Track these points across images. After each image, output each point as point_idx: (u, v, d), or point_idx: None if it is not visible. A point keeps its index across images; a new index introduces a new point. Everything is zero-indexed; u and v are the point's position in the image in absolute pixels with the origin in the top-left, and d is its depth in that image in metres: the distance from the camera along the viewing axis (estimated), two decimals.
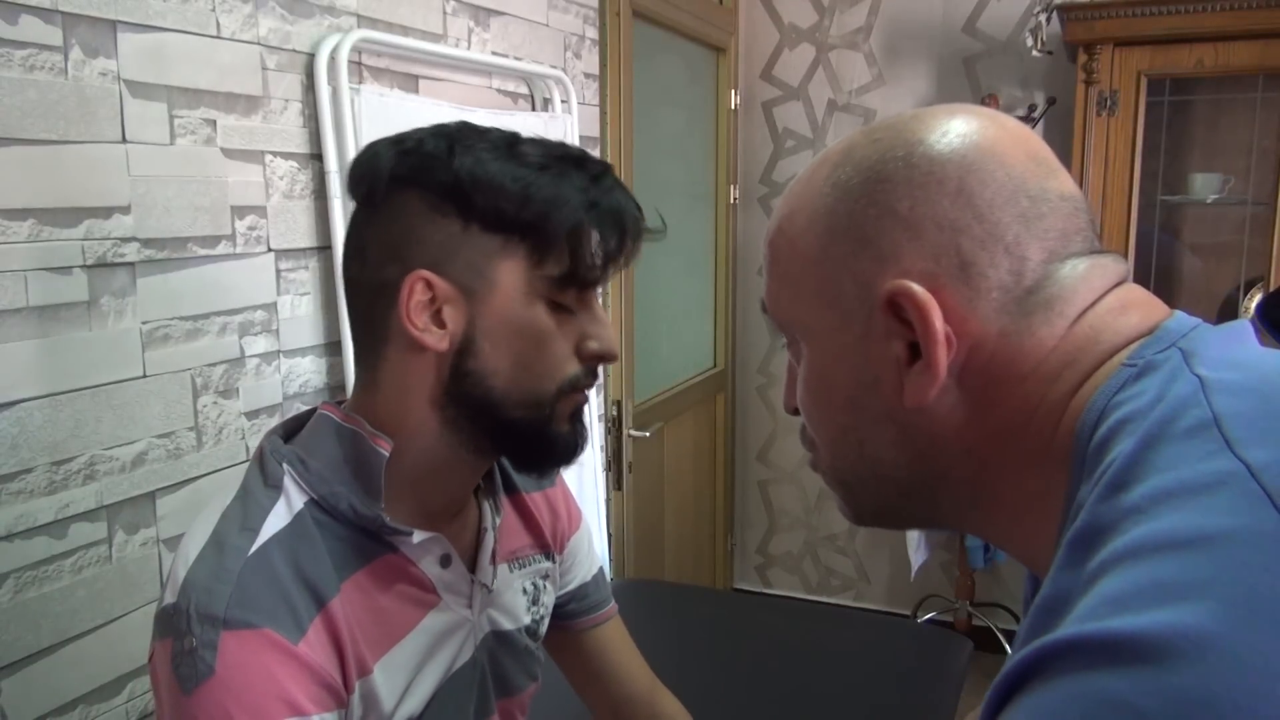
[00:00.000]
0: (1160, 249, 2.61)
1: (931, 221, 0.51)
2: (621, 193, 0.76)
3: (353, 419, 0.76)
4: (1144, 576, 0.38)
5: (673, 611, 1.89)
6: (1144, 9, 2.29)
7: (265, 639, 0.67)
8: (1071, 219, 0.52)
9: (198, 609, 0.67)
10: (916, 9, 2.92)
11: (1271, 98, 2.47)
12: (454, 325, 0.72)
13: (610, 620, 1.02)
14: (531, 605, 0.91)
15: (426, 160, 0.72)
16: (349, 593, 0.73)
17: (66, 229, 1.15)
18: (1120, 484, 0.42)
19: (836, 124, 3.08)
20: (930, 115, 0.55)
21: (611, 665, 1.02)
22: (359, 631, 0.74)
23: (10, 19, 1.08)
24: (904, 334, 0.52)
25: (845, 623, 1.98)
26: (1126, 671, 0.35)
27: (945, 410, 0.52)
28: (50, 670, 1.16)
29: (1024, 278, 0.51)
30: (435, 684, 0.80)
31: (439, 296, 0.72)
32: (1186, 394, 0.44)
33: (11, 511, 1.11)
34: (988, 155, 0.52)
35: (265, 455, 0.76)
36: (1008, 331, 0.51)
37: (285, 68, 1.44)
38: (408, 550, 0.77)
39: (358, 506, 0.74)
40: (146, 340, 1.25)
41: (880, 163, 0.53)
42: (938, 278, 0.51)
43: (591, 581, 1.01)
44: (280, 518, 0.73)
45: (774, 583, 3.40)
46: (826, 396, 0.57)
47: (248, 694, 0.66)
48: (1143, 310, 0.52)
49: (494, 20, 1.92)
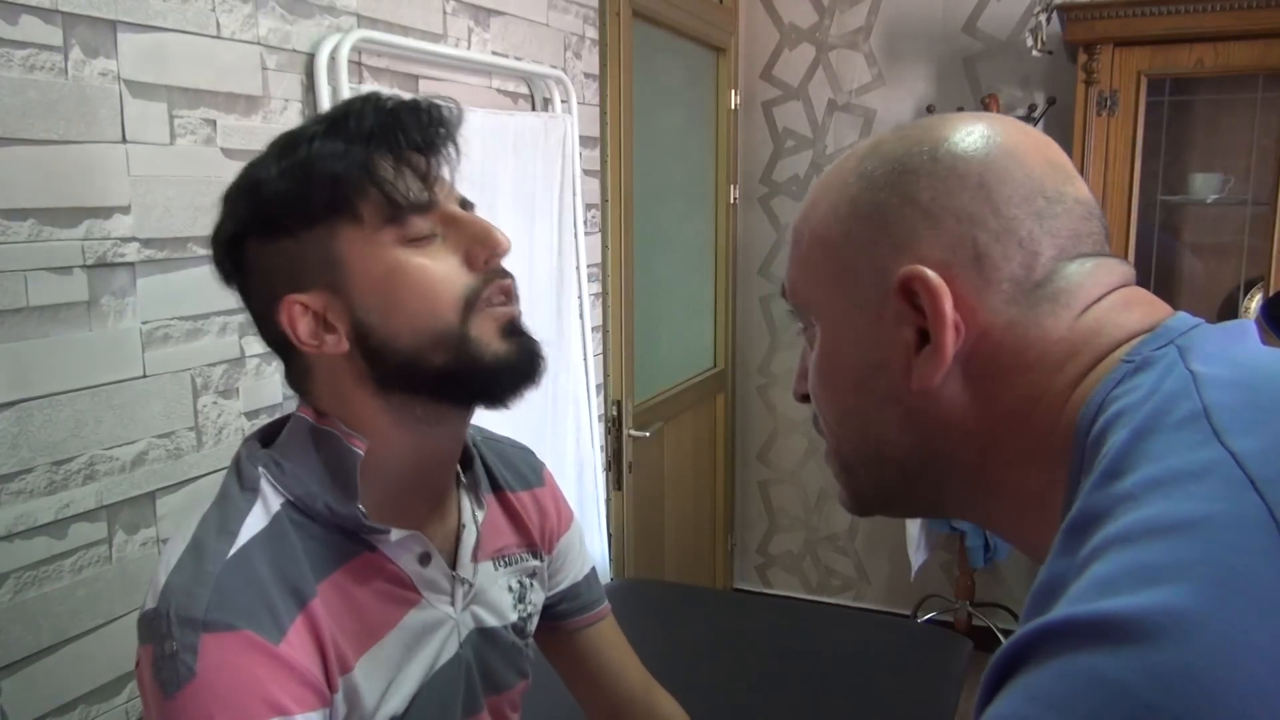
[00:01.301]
0: (1160, 249, 2.61)
1: (950, 213, 0.54)
2: (393, 104, 0.75)
3: (328, 420, 0.76)
4: (1132, 560, 0.39)
5: (673, 611, 1.89)
6: (1144, 9, 2.29)
7: (246, 640, 0.67)
8: (1085, 222, 0.55)
9: (177, 612, 0.67)
10: (916, 9, 2.92)
11: (1271, 98, 2.47)
12: (340, 321, 0.73)
13: (603, 620, 1.02)
14: (518, 603, 0.91)
15: (234, 211, 0.76)
16: (327, 592, 0.73)
17: (66, 229, 1.15)
18: (1114, 473, 0.44)
19: (836, 124, 3.08)
20: (958, 118, 0.58)
21: (605, 665, 1.02)
22: (340, 630, 0.74)
23: (10, 19, 1.08)
24: (915, 319, 0.54)
25: (845, 623, 1.98)
26: (1113, 650, 0.36)
27: (950, 396, 0.54)
28: (50, 670, 1.16)
29: (1034, 271, 0.53)
30: (418, 682, 0.80)
31: (313, 308, 0.73)
32: (1179, 388, 0.46)
33: (11, 511, 1.11)
34: (1009, 156, 0.55)
35: (241, 460, 0.77)
36: (1015, 322, 0.53)
37: (285, 68, 1.44)
38: (386, 549, 0.78)
39: (334, 506, 0.74)
40: (146, 340, 1.25)
41: (906, 156, 0.56)
42: (952, 267, 0.53)
43: (583, 581, 1.01)
44: (258, 520, 0.73)
45: (774, 583, 3.40)
46: (836, 377, 0.59)
47: (230, 696, 0.66)
48: (1145, 309, 0.54)
49: (494, 20, 1.92)
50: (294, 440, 0.78)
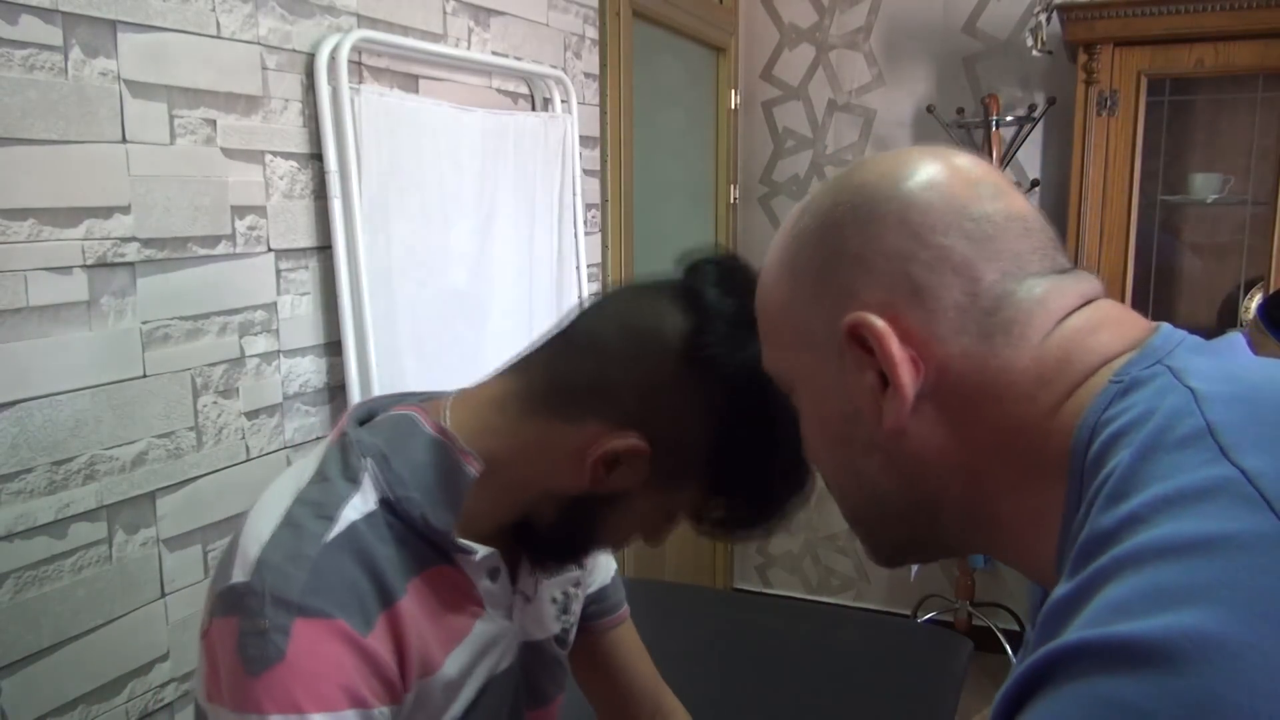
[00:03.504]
0: (1160, 249, 2.61)
1: (879, 254, 0.55)
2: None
3: (445, 431, 0.75)
4: (1146, 582, 0.38)
5: (673, 611, 1.89)
6: (1144, 9, 2.29)
7: (337, 629, 0.67)
8: (1023, 239, 0.54)
9: (272, 591, 0.67)
10: (916, 9, 2.92)
11: (1271, 98, 2.47)
12: (626, 479, 0.75)
13: (625, 622, 1.03)
14: (561, 614, 0.91)
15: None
16: (414, 595, 0.73)
17: (66, 229, 1.15)
18: (1119, 495, 0.43)
19: (836, 124, 3.08)
20: (874, 161, 0.59)
21: (623, 665, 1.02)
22: (425, 632, 0.74)
23: (10, 19, 1.08)
24: (872, 363, 0.54)
25: (845, 623, 1.98)
26: (1131, 675, 0.36)
27: (925, 431, 0.54)
28: (50, 670, 1.16)
29: (979, 298, 0.53)
30: (476, 692, 0.80)
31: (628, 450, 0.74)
32: (1180, 406, 0.45)
33: (11, 511, 1.11)
34: (926, 187, 0.55)
35: (349, 444, 0.75)
36: (970, 353, 0.53)
37: (285, 67, 1.44)
38: (464, 565, 0.77)
39: (430, 518, 0.73)
40: (146, 340, 1.25)
41: (831, 209, 0.58)
42: (893, 305, 0.54)
43: (611, 584, 1.01)
44: (356, 510, 0.72)
45: (774, 583, 3.40)
46: (821, 436, 0.61)
47: (315, 682, 0.66)
48: (1115, 328, 0.53)
49: (494, 20, 1.92)
50: (405, 440, 0.76)
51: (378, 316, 1.56)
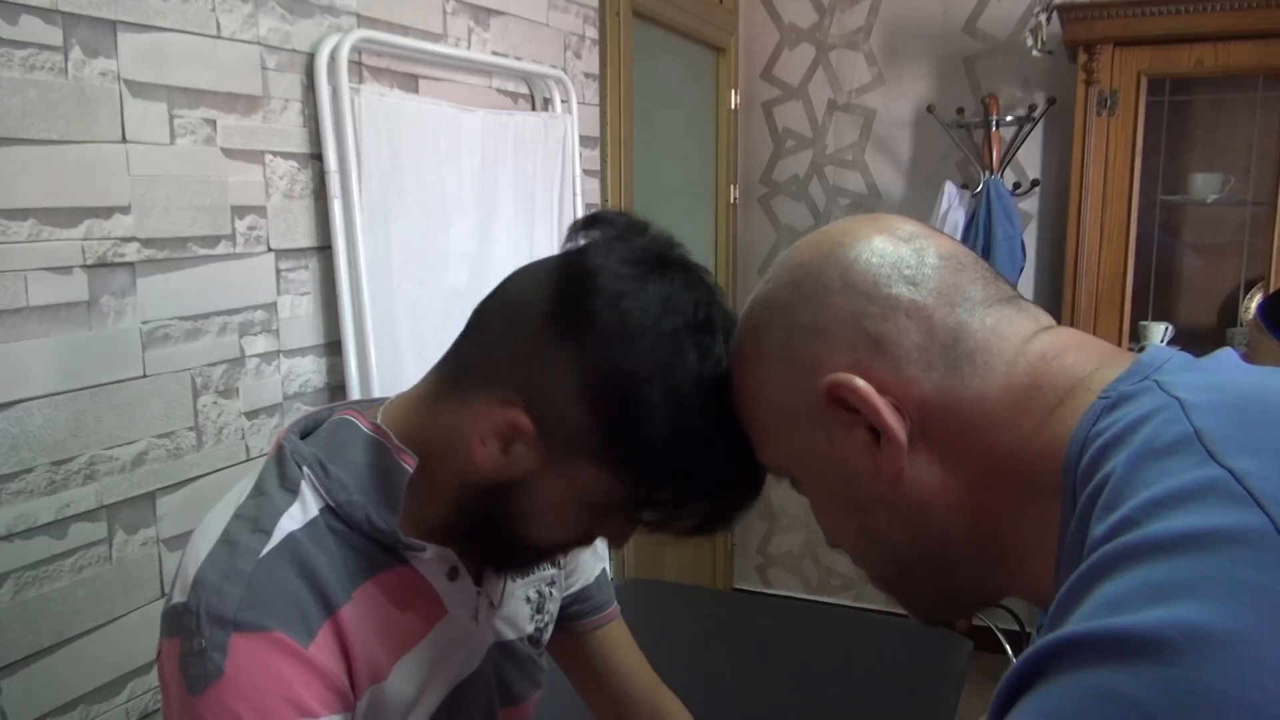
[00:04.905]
0: (1160, 249, 2.61)
1: (833, 320, 0.57)
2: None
3: (380, 429, 0.75)
4: (1138, 579, 0.39)
5: (673, 611, 1.89)
6: (1144, 9, 2.29)
7: (275, 641, 0.67)
8: (958, 274, 0.57)
9: (208, 609, 0.67)
10: (916, 9, 2.92)
11: (1271, 98, 2.47)
12: (525, 460, 0.71)
13: (613, 621, 1.02)
14: (535, 614, 0.91)
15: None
16: (360, 601, 0.73)
17: (66, 229, 1.15)
18: (1113, 504, 0.44)
19: (836, 124, 3.08)
20: (803, 242, 0.63)
21: (614, 666, 1.01)
22: (371, 639, 0.73)
23: (10, 19, 1.08)
24: (858, 420, 0.56)
25: (845, 623, 1.98)
26: (1124, 666, 0.37)
27: (922, 473, 0.56)
28: (50, 670, 1.16)
29: (937, 334, 0.55)
30: (441, 697, 0.79)
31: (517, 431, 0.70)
32: (1167, 415, 0.46)
33: (11, 511, 1.11)
34: (859, 250, 0.59)
35: (285, 455, 0.75)
36: (943, 387, 0.55)
37: (285, 67, 1.44)
38: (418, 564, 0.77)
39: (374, 519, 0.73)
40: (146, 340, 1.25)
41: (775, 292, 0.61)
42: (860, 361, 0.56)
43: (594, 584, 1.00)
44: (294, 520, 0.72)
45: (774, 582, 3.40)
46: (832, 509, 0.63)
47: (257, 696, 0.65)
48: (1079, 351, 0.55)
49: (494, 20, 1.92)
50: (342, 444, 0.75)
51: (378, 316, 1.56)
